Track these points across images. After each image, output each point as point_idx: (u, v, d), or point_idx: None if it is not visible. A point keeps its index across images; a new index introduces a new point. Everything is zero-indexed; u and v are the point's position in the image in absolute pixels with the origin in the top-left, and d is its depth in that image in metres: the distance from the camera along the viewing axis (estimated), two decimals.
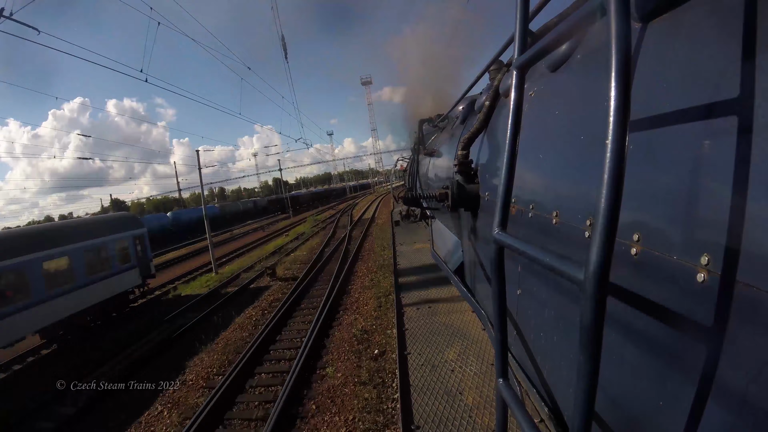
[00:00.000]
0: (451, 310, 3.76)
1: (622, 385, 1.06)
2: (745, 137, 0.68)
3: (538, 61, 1.16)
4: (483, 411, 2.18)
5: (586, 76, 1.37)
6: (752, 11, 0.69)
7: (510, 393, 1.04)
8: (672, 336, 0.86)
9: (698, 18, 0.84)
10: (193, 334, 8.78)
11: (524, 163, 1.75)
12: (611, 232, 0.61)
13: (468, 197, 2.86)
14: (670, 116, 0.87)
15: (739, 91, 0.69)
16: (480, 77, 3.46)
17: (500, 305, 1.10)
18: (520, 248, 0.90)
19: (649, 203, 0.93)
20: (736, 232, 0.68)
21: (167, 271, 18.04)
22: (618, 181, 0.61)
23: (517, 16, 1.09)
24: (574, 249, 1.29)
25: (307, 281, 11.58)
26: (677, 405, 0.83)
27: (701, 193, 0.78)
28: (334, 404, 5.33)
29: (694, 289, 0.77)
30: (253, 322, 9.25)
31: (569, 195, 1.41)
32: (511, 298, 1.82)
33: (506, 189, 1.05)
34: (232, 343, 8.02)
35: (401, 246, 7.26)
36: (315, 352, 6.93)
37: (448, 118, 5.42)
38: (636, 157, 0.95)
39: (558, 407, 1.62)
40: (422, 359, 2.86)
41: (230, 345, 7.95)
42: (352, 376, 5.91)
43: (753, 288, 0.65)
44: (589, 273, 0.61)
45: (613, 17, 0.63)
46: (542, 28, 1.94)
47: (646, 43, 0.98)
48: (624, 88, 0.62)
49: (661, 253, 0.87)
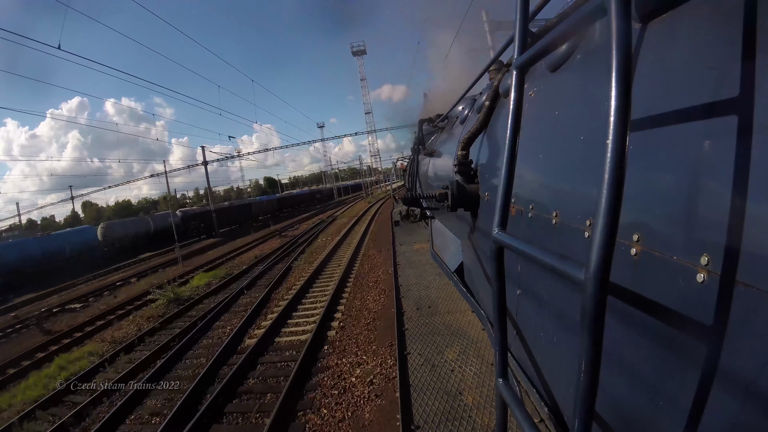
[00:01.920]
0: (451, 310, 3.76)
1: (622, 385, 1.06)
2: (745, 137, 0.68)
3: (538, 61, 1.16)
4: (483, 411, 2.19)
5: (586, 76, 1.37)
6: (752, 11, 0.69)
7: (510, 393, 1.04)
8: (672, 336, 0.86)
9: (698, 18, 0.84)
10: None
11: (524, 163, 1.74)
12: (611, 232, 0.61)
13: (468, 197, 2.86)
14: (670, 116, 0.87)
15: (739, 91, 0.69)
16: (480, 77, 3.46)
17: (500, 305, 1.10)
18: (520, 248, 0.90)
19: (649, 203, 0.93)
20: (736, 232, 0.68)
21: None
22: (618, 181, 0.61)
23: (517, 16, 1.09)
24: (574, 249, 1.29)
25: None
26: (677, 405, 0.83)
27: (701, 193, 0.78)
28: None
29: (694, 289, 0.77)
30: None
31: (569, 195, 1.41)
32: (511, 298, 1.82)
33: (506, 189, 1.05)
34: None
35: (401, 246, 7.27)
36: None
37: (448, 118, 5.42)
38: (636, 157, 0.95)
39: (558, 407, 1.62)
40: (422, 359, 2.86)
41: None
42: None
43: (753, 288, 0.65)
44: (589, 273, 0.61)
45: (613, 17, 0.63)
46: (542, 28, 1.93)
47: (646, 43, 0.98)
48: (624, 88, 0.62)
49: (661, 253, 0.87)
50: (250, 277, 11.77)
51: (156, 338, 7.88)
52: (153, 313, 9.80)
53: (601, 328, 0.63)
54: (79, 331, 9.25)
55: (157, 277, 15.34)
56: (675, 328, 0.84)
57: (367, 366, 5.09)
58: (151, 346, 7.41)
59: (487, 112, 2.72)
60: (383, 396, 4.29)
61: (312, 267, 11.43)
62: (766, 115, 0.65)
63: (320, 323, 6.63)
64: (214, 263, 16.27)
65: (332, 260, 12.42)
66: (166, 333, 8.05)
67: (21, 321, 11.19)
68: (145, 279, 15.63)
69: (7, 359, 7.93)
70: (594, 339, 0.63)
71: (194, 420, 4.27)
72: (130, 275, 16.85)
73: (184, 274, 14.43)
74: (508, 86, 1.94)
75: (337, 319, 7.03)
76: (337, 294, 8.35)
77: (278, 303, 8.65)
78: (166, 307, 9.97)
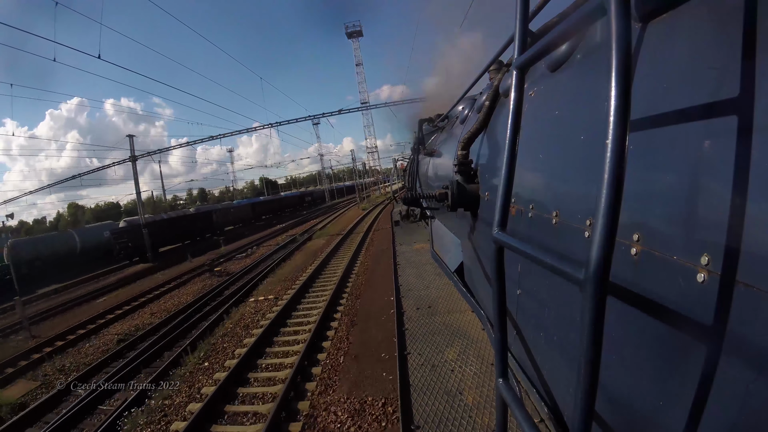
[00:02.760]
0: (451, 310, 3.76)
1: (622, 385, 1.06)
2: (745, 137, 0.68)
3: (538, 61, 1.16)
4: (483, 411, 2.19)
5: (586, 76, 1.37)
6: (752, 11, 0.69)
7: (510, 393, 1.04)
8: (672, 336, 0.86)
9: (698, 18, 0.84)
10: None
11: (524, 163, 1.74)
12: (611, 232, 0.61)
13: (468, 197, 2.86)
14: (670, 116, 0.87)
15: (739, 91, 0.69)
16: (480, 77, 3.46)
17: (500, 305, 1.10)
18: (520, 248, 0.90)
19: (649, 203, 0.93)
20: (736, 232, 0.68)
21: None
22: (618, 181, 0.61)
23: (517, 16, 1.09)
24: (574, 249, 1.29)
25: None
26: (677, 405, 0.83)
27: (701, 193, 0.78)
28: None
29: (695, 289, 0.77)
30: None
31: (569, 195, 1.41)
32: (511, 298, 1.82)
33: (506, 189, 1.05)
34: None
35: (401, 246, 7.27)
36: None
37: (448, 118, 5.42)
38: (636, 157, 0.94)
39: (558, 407, 1.62)
40: (422, 359, 2.86)
41: None
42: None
43: (753, 288, 0.65)
44: (589, 273, 0.61)
45: (613, 17, 0.63)
46: (542, 28, 1.93)
47: (646, 43, 0.98)
48: (624, 88, 0.62)
49: (661, 253, 0.87)
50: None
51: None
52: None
53: (601, 328, 0.63)
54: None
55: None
56: (675, 328, 0.84)
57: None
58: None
59: (487, 112, 2.72)
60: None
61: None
62: (767, 115, 0.65)
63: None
64: (83, 331, 9.43)
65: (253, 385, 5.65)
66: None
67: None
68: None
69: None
70: (594, 339, 0.63)
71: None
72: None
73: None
74: (508, 86, 1.94)
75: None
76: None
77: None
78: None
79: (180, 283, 14.05)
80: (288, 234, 23.85)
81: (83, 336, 9.36)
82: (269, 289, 10.81)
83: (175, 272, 16.32)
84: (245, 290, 10.94)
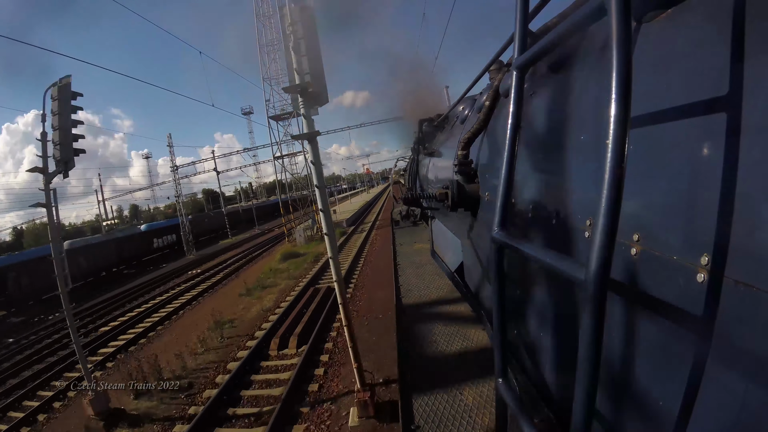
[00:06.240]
0: (451, 310, 3.76)
1: (622, 384, 1.06)
2: (744, 137, 0.68)
3: (538, 61, 1.16)
4: (483, 411, 2.19)
5: (586, 76, 1.37)
6: (752, 11, 0.69)
7: (510, 393, 1.04)
8: (672, 336, 0.86)
9: (698, 18, 0.84)
10: None
11: (524, 163, 1.74)
12: (611, 232, 0.61)
13: (468, 197, 2.86)
14: (670, 116, 0.87)
15: (739, 91, 0.69)
16: (480, 77, 3.46)
17: (500, 305, 1.10)
18: (519, 248, 0.90)
19: (649, 203, 0.93)
20: (736, 232, 0.68)
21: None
22: (618, 181, 0.61)
23: (517, 16, 1.09)
24: (574, 249, 1.29)
25: None
26: (677, 404, 0.83)
27: (701, 193, 0.78)
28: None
29: (694, 289, 0.77)
30: None
31: (569, 195, 1.41)
32: (511, 298, 1.82)
33: (506, 189, 1.05)
34: None
35: (401, 246, 7.27)
36: None
37: (448, 118, 5.42)
38: (636, 157, 0.95)
39: (558, 407, 1.62)
40: (422, 359, 2.86)
41: None
42: None
43: (753, 288, 0.65)
44: (589, 273, 0.61)
45: (613, 17, 0.63)
46: (542, 28, 1.93)
47: (646, 43, 0.98)
48: (624, 88, 0.62)
49: (661, 253, 0.87)
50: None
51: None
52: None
53: (601, 328, 0.63)
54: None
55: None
56: (675, 328, 0.84)
57: None
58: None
59: (487, 112, 2.72)
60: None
61: None
62: (766, 115, 0.65)
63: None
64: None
65: None
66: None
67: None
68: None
69: None
70: (594, 339, 0.63)
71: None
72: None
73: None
74: (508, 86, 1.94)
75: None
76: None
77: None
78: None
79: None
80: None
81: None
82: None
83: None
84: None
